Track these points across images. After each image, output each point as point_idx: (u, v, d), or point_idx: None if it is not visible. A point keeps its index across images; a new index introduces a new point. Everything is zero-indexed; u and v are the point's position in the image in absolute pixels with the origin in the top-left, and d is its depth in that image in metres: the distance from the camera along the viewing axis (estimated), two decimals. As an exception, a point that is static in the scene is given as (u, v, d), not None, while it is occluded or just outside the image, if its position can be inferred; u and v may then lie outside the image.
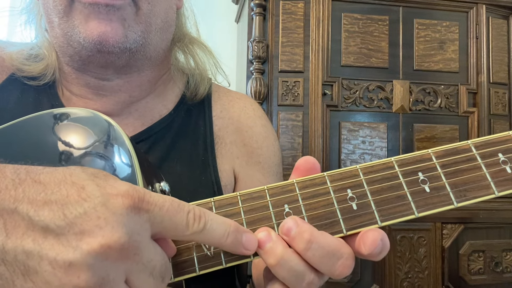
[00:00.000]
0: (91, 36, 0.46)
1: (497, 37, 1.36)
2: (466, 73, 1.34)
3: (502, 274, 1.27)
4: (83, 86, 0.55)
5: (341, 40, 1.27)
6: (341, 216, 0.31)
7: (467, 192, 0.31)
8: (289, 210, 0.32)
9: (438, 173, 0.31)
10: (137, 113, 0.57)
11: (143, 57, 0.53)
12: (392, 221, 0.31)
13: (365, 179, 0.32)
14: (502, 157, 0.31)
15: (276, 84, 1.25)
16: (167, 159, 0.55)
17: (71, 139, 0.41)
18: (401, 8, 1.31)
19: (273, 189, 0.33)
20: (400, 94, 1.28)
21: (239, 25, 1.63)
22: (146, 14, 0.49)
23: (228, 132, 0.60)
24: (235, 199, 0.33)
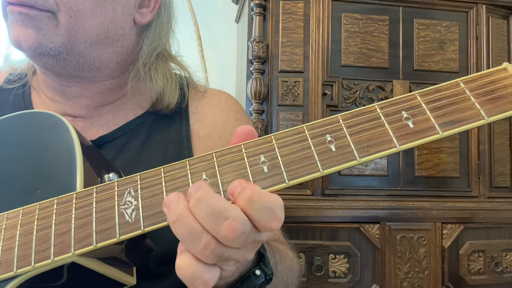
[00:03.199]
0: (11, 39, 0.51)
1: (497, 37, 1.36)
2: (466, 73, 1.34)
3: (502, 274, 1.27)
4: (50, 89, 0.58)
5: (341, 40, 1.27)
6: (252, 179, 0.33)
7: (370, 148, 0.33)
8: (206, 177, 0.34)
9: (344, 133, 0.34)
10: (109, 114, 0.59)
11: (84, 67, 0.55)
12: (299, 179, 0.33)
13: (277, 144, 0.34)
14: (405, 114, 0.33)
15: (276, 84, 1.25)
16: (143, 153, 0.57)
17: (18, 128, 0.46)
18: (401, 8, 1.31)
19: (193, 159, 0.35)
20: (400, 94, 1.28)
21: (239, 25, 1.63)
22: (68, 27, 0.51)
23: (202, 125, 0.61)
24: (159, 172, 0.36)
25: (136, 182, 0.35)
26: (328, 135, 0.33)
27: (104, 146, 0.57)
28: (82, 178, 0.41)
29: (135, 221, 0.34)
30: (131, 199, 0.35)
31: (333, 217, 1.15)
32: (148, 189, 0.35)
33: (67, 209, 0.36)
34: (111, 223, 0.34)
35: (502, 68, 0.34)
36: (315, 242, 1.15)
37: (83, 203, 0.36)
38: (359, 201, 1.19)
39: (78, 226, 0.35)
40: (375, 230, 1.18)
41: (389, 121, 0.33)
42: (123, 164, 0.55)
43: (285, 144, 0.34)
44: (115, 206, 0.35)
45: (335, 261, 1.16)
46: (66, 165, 0.42)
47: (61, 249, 0.34)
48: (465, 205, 1.23)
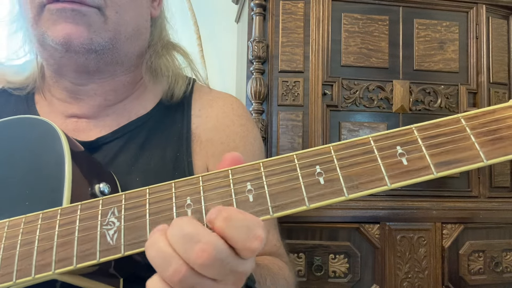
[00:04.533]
0: (58, 37, 0.50)
1: (497, 37, 1.36)
2: (466, 73, 1.34)
3: (502, 274, 1.27)
4: (62, 90, 0.58)
5: (341, 40, 1.27)
6: (237, 208, 0.32)
7: (360, 184, 0.31)
8: (190, 202, 0.33)
9: (334, 165, 0.32)
10: (114, 115, 0.59)
11: (113, 62, 0.56)
12: (284, 212, 0.32)
13: (265, 172, 0.33)
14: (400, 150, 0.31)
15: (276, 84, 1.25)
16: (141, 156, 0.57)
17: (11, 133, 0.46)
18: (401, 8, 1.31)
19: (180, 181, 0.35)
20: (400, 94, 1.28)
21: (239, 25, 1.63)
22: (115, 22, 0.53)
23: (205, 130, 0.61)
24: (144, 192, 0.35)
25: (121, 202, 0.35)
26: (318, 166, 0.32)
27: (102, 147, 0.56)
28: (70, 192, 0.40)
29: (115, 244, 0.33)
30: (114, 219, 0.34)
31: (333, 217, 1.15)
32: (132, 210, 0.34)
33: (51, 225, 0.35)
34: (92, 244, 0.34)
35: (507, 106, 0.31)
36: (315, 242, 1.15)
37: (67, 220, 0.35)
38: (359, 201, 1.19)
39: (60, 244, 0.34)
40: (375, 230, 1.18)
41: (382, 156, 0.31)
42: (120, 167, 0.55)
43: (273, 173, 0.32)
44: (97, 226, 0.34)
45: (335, 261, 1.16)
46: (55, 177, 0.41)
47: (42, 267, 0.34)
48: (465, 205, 1.23)
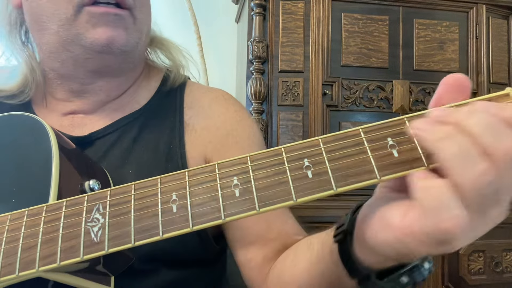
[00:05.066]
0: (100, 40, 0.51)
1: (497, 37, 1.36)
2: (466, 73, 1.34)
3: (502, 274, 1.27)
4: (66, 91, 0.59)
5: (341, 40, 1.27)
6: (223, 203, 0.31)
7: (348, 177, 0.30)
8: (176, 197, 0.32)
9: (323, 158, 0.31)
10: (110, 110, 0.60)
11: (133, 59, 0.58)
12: (271, 207, 0.31)
13: (252, 166, 0.32)
14: (391, 141, 0.30)
15: (276, 84, 1.25)
16: (134, 149, 0.57)
17: None
18: (401, 8, 1.31)
19: (166, 177, 0.34)
20: (400, 94, 1.28)
21: (239, 25, 1.63)
22: (141, 22, 0.55)
23: (199, 119, 0.61)
24: (129, 188, 0.34)
25: (106, 199, 0.34)
26: (306, 159, 0.31)
27: (96, 142, 0.57)
28: (56, 189, 0.40)
29: (100, 241, 0.33)
30: (99, 216, 0.34)
31: (333, 217, 1.15)
32: (116, 207, 0.34)
33: (36, 222, 0.35)
34: (76, 241, 0.33)
35: (504, 94, 0.30)
36: (315, 242, 1.15)
37: (52, 217, 0.35)
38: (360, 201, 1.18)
39: (45, 241, 0.34)
40: (375, 230, 1.18)
41: (372, 148, 0.30)
42: (113, 161, 0.55)
43: (261, 167, 0.32)
44: (82, 222, 0.34)
45: (335, 261, 1.16)
46: (42, 174, 0.41)
47: (26, 265, 0.33)
48: (465, 205, 1.23)
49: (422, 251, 0.26)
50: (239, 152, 0.61)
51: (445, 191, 0.25)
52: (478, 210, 0.25)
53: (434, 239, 0.25)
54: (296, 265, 0.48)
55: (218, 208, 0.31)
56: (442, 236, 0.25)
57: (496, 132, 0.24)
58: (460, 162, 0.24)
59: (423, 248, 0.26)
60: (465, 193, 0.24)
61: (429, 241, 0.25)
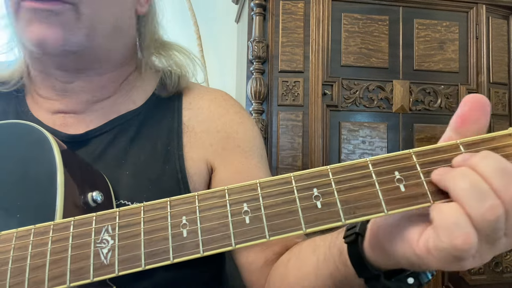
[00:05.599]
0: (32, 39, 0.48)
1: (497, 37, 1.36)
2: (466, 73, 1.34)
3: (502, 274, 1.27)
4: (49, 88, 0.57)
5: (341, 40, 1.27)
6: (233, 230, 0.32)
7: (357, 209, 0.30)
8: (186, 221, 0.33)
9: (332, 189, 0.31)
10: (102, 110, 0.58)
11: (96, 60, 0.54)
12: (280, 236, 0.31)
13: (262, 193, 0.32)
14: (398, 175, 0.31)
15: (276, 84, 1.25)
16: (131, 150, 0.56)
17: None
18: (401, 8, 1.31)
19: (175, 200, 0.34)
20: (400, 94, 1.28)
21: (239, 25, 1.63)
22: (89, 19, 0.50)
23: (199, 121, 0.60)
24: (138, 210, 0.34)
25: (115, 220, 0.34)
26: (315, 189, 0.31)
27: (92, 141, 0.56)
28: (62, 204, 0.40)
29: (110, 264, 0.33)
30: (108, 237, 0.34)
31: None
32: (126, 229, 0.34)
33: (44, 241, 0.35)
34: (86, 263, 0.33)
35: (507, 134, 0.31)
36: (315, 242, 1.15)
37: (60, 237, 0.35)
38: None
39: (53, 261, 0.34)
40: (375, 230, 1.18)
41: (380, 182, 0.31)
42: (109, 161, 0.54)
43: (270, 194, 0.32)
44: (91, 243, 0.34)
45: (335, 261, 1.16)
46: (47, 188, 0.41)
47: (35, 285, 0.33)
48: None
49: (436, 266, 0.28)
50: (240, 156, 0.60)
51: (457, 212, 0.27)
52: (487, 240, 0.27)
53: (447, 255, 0.27)
54: (301, 268, 0.48)
55: (228, 235, 0.31)
56: (454, 252, 0.27)
57: (506, 175, 0.27)
58: (471, 195, 0.27)
59: (437, 264, 0.28)
60: (475, 221, 0.27)
61: (443, 257, 0.27)
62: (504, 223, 0.27)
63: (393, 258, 0.32)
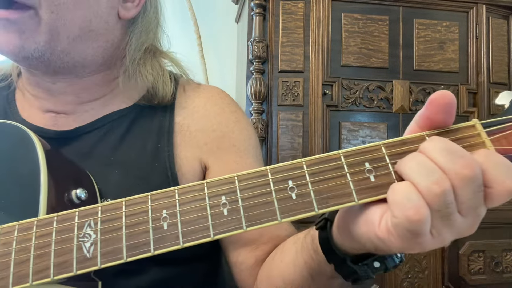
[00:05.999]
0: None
1: (497, 37, 1.36)
2: (466, 73, 1.34)
3: (502, 274, 1.27)
4: (35, 86, 0.57)
5: (341, 40, 1.27)
6: (212, 222, 0.33)
7: (329, 199, 0.32)
8: (166, 215, 0.34)
9: (306, 181, 0.33)
10: (93, 111, 0.58)
11: (69, 65, 0.53)
12: (257, 226, 0.33)
13: (240, 186, 0.34)
14: (368, 166, 0.33)
15: (276, 84, 1.25)
16: (121, 147, 0.56)
17: None
18: (401, 8, 1.31)
19: (156, 194, 0.35)
20: (400, 94, 1.28)
21: (239, 25, 1.63)
22: (50, 23, 0.49)
23: (194, 120, 0.60)
24: (120, 204, 0.35)
25: (97, 214, 0.35)
26: (290, 181, 0.33)
27: (82, 137, 0.55)
28: (46, 202, 0.40)
29: (92, 257, 0.34)
30: (91, 232, 0.35)
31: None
32: (108, 223, 0.35)
33: (28, 237, 0.36)
34: (69, 256, 0.34)
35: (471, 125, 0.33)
36: (315, 242, 1.15)
37: (43, 232, 0.36)
38: (359, 201, 1.18)
39: (37, 256, 0.35)
40: (375, 230, 1.18)
41: (351, 173, 0.32)
42: (99, 159, 0.54)
43: (247, 187, 0.34)
44: (74, 238, 0.35)
45: (335, 261, 1.16)
46: (30, 186, 0.41)
47: (19, 279, 0.34)
48: (465, 205, 1.23)
49: (398, 247, 0.30)
50: (235, 155, 0.59)
51: (407, 187, 0.29)
52: (440, 215, 0.29)
53: (403, 231, 0.29)
54: (283, 259, 0.49)
55: (207, 227, 0.33)
56: (409, 226, 0.28)
57: (450, 153, 0.29)
58: (419, 172, 0.29)
59: (398, 244, 0.30)
60: (425, 195, 0.29)
61: (400, 234, 0.29)
62: (454, 198, 0.29)
63: (359, 241, 0.33)
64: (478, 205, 0.29)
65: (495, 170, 0.29)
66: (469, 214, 0.30)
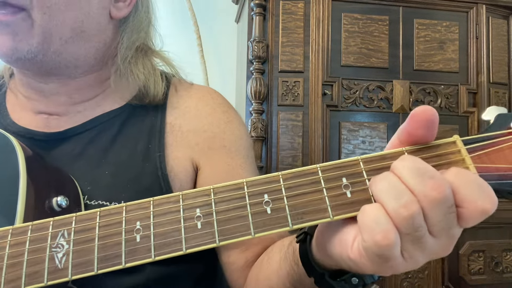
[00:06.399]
0: None
1: (497, 37, 1.36)
2: (466, 73, 1.34)
3: (502, 274, 1.27)
4: (28, 87, 0.57)
5: (341, 40, 1.27)
6: (185, 235, 0.32)
7: (304, 215, 0.32)
8: (139, 227, 0.33)
9: (282, 195, 0.32)
10: (86, 111, 0.58)
11: (61, 65, 0.53)
12: (230, 241, 0.32)
13: (215, 199, 0.33)
14: (345, 182, 0.32)
15: (276, 84, 1.25)
16: (112, 149, 0.56)
17: None
18: (401, 8, 1.31)
19: (131, 205, 0.34)
20: (400, 94, 1.28)
21: (239, 25, 1.63)
22: (43, 24, 0.49)
23: (185, 120, 0.60)
24: (94, 215, 0.35)
25: (71, 225, 0.35)
26: (266, 195, 0.33)
27: (72, 138, 0.55)
28: (23, 210, 0.40)
29: (63, 268, 0.33)
30: (64, 242, 0.34)
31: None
32: (81, 233, 0.34)
33: (2, 245, 0.36)
34: (41, 267, 0.34)
35: (451, 142, 0.32)
36: (315, 242, 1.15)
37: (17, 241, 0.35)
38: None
39: (10, 265, 0.34)
40: (375, 230, 1.18)
41: (328, 188, 0.32)
42: (90, 160, 0.54)
43: (223, 200, 0.33)
44: (46, 248, 0.34)
45: (335, 261, 1.16)
46: (8, 193, 0.41)
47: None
48: (465, 205, 1.23)
49: (369, 269, 0.29)
50: (226, 156, 0.59)
51: (376, 209, 0.28)
52: (411, 239, 0.28)
53: (372, 254, 0.28)
54: (269, 266, 0.49)
55: (179, 240, 0.32)
56: (377, 250, 0.28)
57: (421, 175, 0.28)
58: (389, 194, 0.28)
59: (370, 267, 0.29)
60: (393, 218, 0.28)
61: (370, 258, 0.28)
62: (424, 221, 0.28)
63: (334, 260, 0.33)
64: (450, 226, 0.29)
65: (466, 189, 0.28)
66: (441, 236, 0.29)
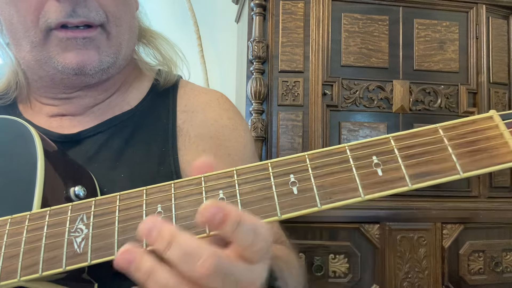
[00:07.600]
0: (70, 65, 0.50)
1: (497, 37, 1.36)
2: (466, 73, 1.34)
3: (502, 274, 1.27)
4: (51, 98, 0.58)
5: (341, 40, 1.27)
6: None
7: (333, 195, 0.30)
8: (161, 209, 0.32)
9: (309, 175, 0.31)
10: (99, 111, 0.59)
11: (114, 70, 0.56)
12: None
13: (238, 180, 0.32)
14: (376, 160, 0.30)
15: (276, 84, 1.25)
16: (126, 151, 0.56)
17: None
18: (401, 8, 1.31)
19: (152, 188, 0.34)
20: (400, 94, 1.28)
21: (239, 25, 1.63)
22: (116, 36, 0.53)
23: (193, 125, 0.60)
24: (114, 199, 0.34)
25: (90, 209, 0.34)
26: (292, 175, 0.31)
27: (85, 141, 0.56)
28: (40, 197, 0.40)
29: (83, 252, 0.32)
30: (83, 226, 0.33)
31: (333, 217, 1.15)
32: (100, 217, 0.33)
33: (19, 231, 0.35)
34: (59, 251, 0.33)
35: (488, 117, 0.30)
36: (315, 242, 1.15)
37: (35, 226, 0.35)
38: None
39: (27, 250, 0.34)
40: (375, 230, 1.18)
41: (357, 166, 0.30)
42: (104, 163, 0.54)
43: (247, 181, 0.32)
44: (65, 233, 0.33)
45: (335, 261, 1.16)
46: (26, 181, 0.41)
47: (8, 274, 0.33)
48: (465, 205, 1.23)
49: None
50: (229, 165, 0.60)
51: None
52: None
53: None
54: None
55: None
56: None
57: (190, 259, 0.27)
58: None
59: None
60: None
61: None
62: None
63: None
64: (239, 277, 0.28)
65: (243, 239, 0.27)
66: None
